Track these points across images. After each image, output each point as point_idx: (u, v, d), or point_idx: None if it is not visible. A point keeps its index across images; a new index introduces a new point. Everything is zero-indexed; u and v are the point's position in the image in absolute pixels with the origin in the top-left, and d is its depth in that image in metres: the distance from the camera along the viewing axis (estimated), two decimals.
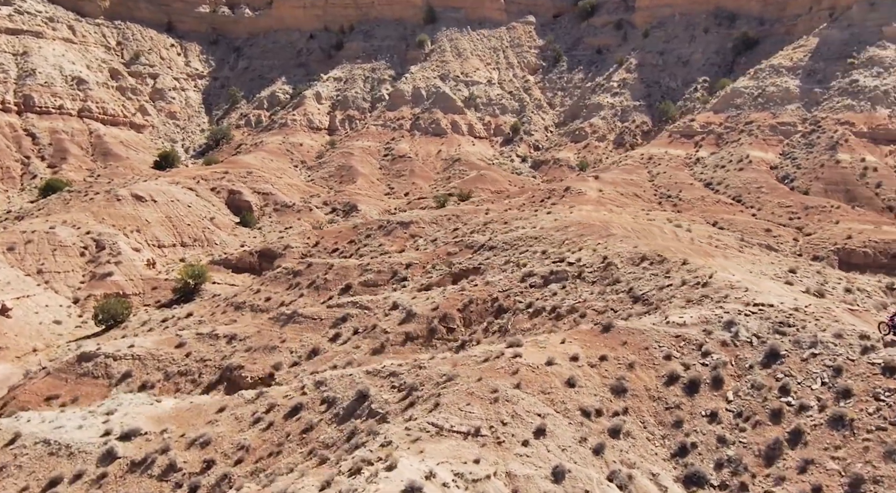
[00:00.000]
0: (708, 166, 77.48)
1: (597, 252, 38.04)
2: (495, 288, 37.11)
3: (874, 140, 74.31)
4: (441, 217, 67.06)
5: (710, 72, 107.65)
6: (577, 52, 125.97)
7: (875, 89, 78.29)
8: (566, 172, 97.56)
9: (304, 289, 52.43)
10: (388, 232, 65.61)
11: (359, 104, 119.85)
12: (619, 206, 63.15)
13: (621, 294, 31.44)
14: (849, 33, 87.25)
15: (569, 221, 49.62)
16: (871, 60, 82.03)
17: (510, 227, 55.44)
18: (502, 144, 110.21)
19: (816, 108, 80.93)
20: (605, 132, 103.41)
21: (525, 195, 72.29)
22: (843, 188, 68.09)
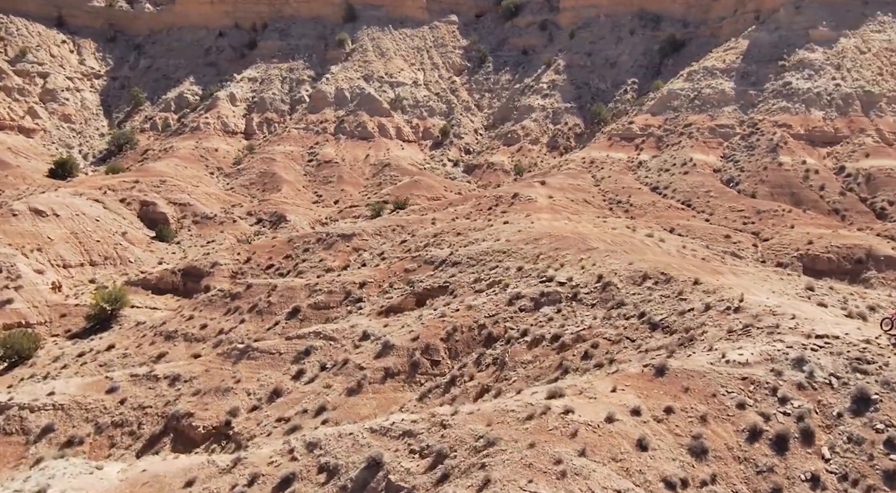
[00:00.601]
0: (652, 170, 76.71)
1: (587, 270, 35.23)
2: (480, 313, 33.68)
3: (811, 142, 75.45)
4: (385, 228, 63.07)
5: (639, 74, 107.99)
6: (502, 52, 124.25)
7: (808, 92, 79.69)
8: (501, 176, 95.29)
9: (244, 314, 47.43)
10: (329, 245, 61.09)
11: (277, 106, 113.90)
12: (573, 213, 61.00)
13: (632, 320, 28.63)
14: (777, 36, 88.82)
15: (536, 232, 46.76)
16: (801, 63, 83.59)
17: (468, 239, 52.16)
18: (432, 147, 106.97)
19: (752, 110, 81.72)
20: (538, 135, 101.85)
21: (470, 203, 69.22)
22: (789, 191, 68.48)
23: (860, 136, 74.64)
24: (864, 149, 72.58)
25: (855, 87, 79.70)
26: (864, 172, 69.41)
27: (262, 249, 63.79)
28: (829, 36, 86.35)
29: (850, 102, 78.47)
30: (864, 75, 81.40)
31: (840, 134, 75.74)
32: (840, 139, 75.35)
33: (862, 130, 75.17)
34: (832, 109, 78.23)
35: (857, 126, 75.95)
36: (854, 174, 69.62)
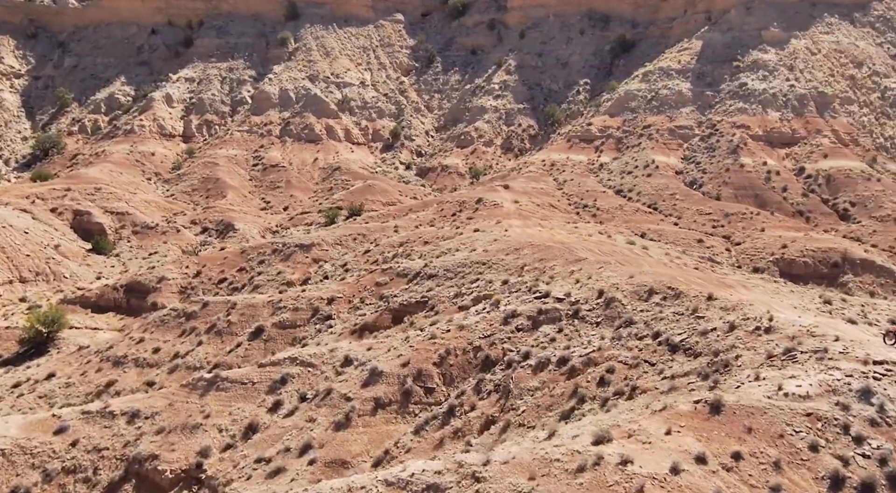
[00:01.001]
0: (614, 172, 75.77)
1: (584, 283, 33.24)
2: (474, 334, 31.27)
3: (770, 143, 75.78)
4: (345, 237, 60.04)
5: (591, 74, 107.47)
6: (450, 52, 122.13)
7: (764, 92, 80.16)
8: (456, 179, 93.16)
9: (202, 335, 43.84)
10: (286, 257, 57.71)
11: (217, 108, 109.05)
12: (542, 219, 59.23)
13: (646, 340, 26.70)
14: (730, 37, 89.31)
15: (514, 241, 44.65)
16: (755, 64, 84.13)
17: (438, 248, 49.71)
18: (382, 150, 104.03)
19: (710, 111, 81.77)
20: (492, 136, 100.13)
21: (431, 208, 66.77)
22: (752, 193, 68.41)
23: (817, 137, 75.34)
24: (822, 150, 73.23)
25: (809, 88, 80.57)
26: (824, 173, 69.91)
27: (213, 261, 59.89)
28: (780, 37, 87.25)
29: (805, 103, 79.26)
30: (817, 76, 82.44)
31: (797, 135, 76.33)
32: (797, 140, 75.91)
33: (818, 131, 75.91)
34: (788, 109, 78.86)
35: (813, 127, 76.68)
36: (814, 175, 70.05)
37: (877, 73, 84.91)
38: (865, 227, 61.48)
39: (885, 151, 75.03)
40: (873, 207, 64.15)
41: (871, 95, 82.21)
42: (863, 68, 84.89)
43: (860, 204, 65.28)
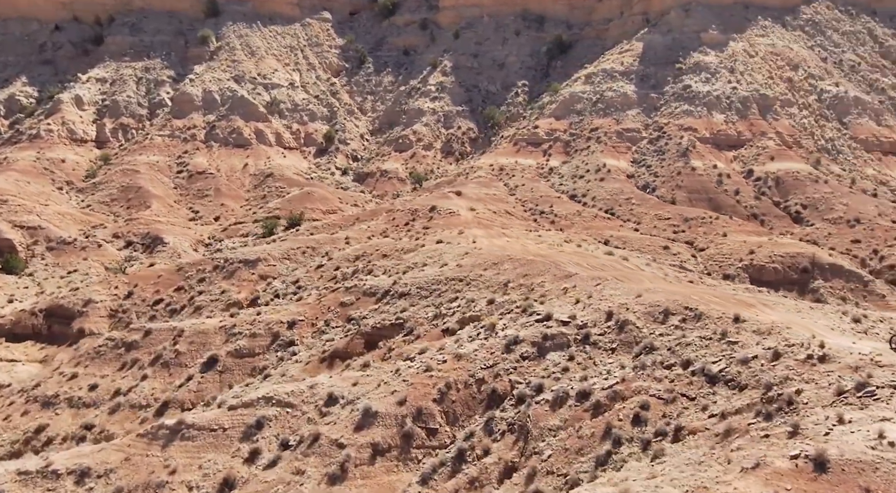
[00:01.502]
0: (565, 177, 74.35)
1: (584, 303, 30.90)
2: (474, 364, 28.41)
3: (717, 146, 76.03)
4: (294, 250, 56.06)
5: (528, 75, 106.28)
6: (381, 52, 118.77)
7: (708, 95, 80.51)
8: (397, 185, 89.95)
9: (146, 368, 39.39)
10: (230, 274, 53.31)
11: (134, 110, 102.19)
12: (503, 227, 56.92)
13: (675, 370, 24.51)
14: (671, 39, 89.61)
15: (489, 254, 42.02)
16: (697, 66, 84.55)
17: (402, 263, 46.58)
18: (316, 154, 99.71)
19: (656, 113, 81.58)
20: (431, 140, 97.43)
21: (381, 217, 63.47)
22: (706, 197, 68.19)
23: (762, 139, 76.06)
24: (768, 152, 73.91)
25: (750, 90, 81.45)
26: (773, 175, 70.45)
27: (146, 280, 54.79)
28: (719, 39, 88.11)
29: (749, 106, 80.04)
30: (757, 79, 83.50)
31: (743, 137, 76.89)
32: (743, 142, 76.47)
33: (763, 134, 76.67)
34: (732, 112, 79.44)
35: (757, 129, 77.42)
36: (763, 178, 70.50)
37: (812, 75, 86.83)
38: (820, 229, 61.97)
39: (827, 153, 76.48)
40: (825, 210, 64.85)
41: (809, 98, 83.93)
42: (799, 71, 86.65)
43: (811, 206, 65.94)
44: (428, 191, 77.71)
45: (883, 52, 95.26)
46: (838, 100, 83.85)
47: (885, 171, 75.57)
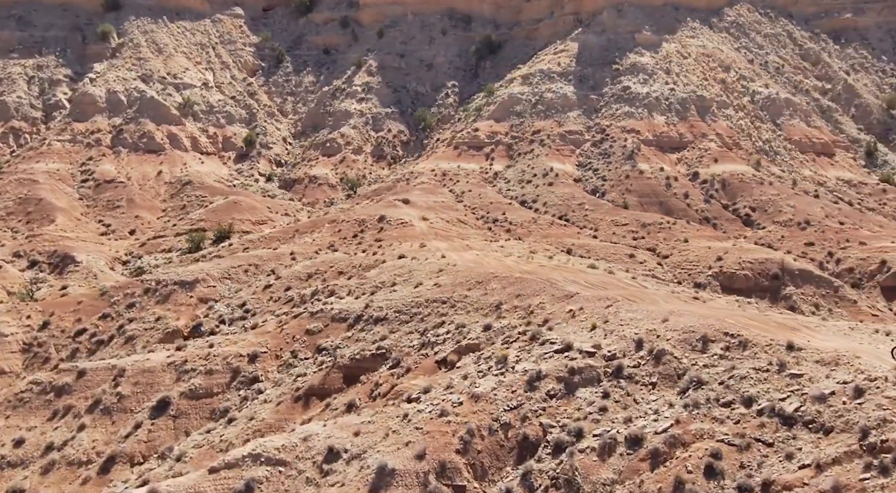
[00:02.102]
0: (511, 181, 72.03)
1: (602, 328, 28.22)
2: (495, 405, 25.18)
3: (661, 148, 75.59)
4: (234, 269, 51.14)
5: (457, 76, 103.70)
6: (300, 51, 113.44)
7: (648, 96, 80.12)
8: (328, 191, 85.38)
9: (83, 416, 34.18)
10: (164, 297, 47.93)
11: (26, 113, 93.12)
12: (460, 238, 53.87)
13: (737, 408, 22.03)
14: (605, 39, 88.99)
15: (470, 272, 38.83)
16: (634, 67, 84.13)
17: (366, 281, 42.80)
18: (237, 160, 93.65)
19: (597, 115, 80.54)
20: (360, 143, 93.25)
21: (326, 229, 59.18)
22: (657, 200, 67.35)
23: (703, 140, 76.17)
24: (711, 154, 74.01)
25: (688, 92, 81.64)
26: (718, 177, 70.44)
27: (64, 308, 48.60)
28: (652, 40, 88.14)
29: (688, 107, 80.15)
30: (693, 81, 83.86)
31: (685, 139, 76.81)
32: (685, 144, 76.38)
33: (704, 135, 76.83)
34: (672, 113, 79.31)
35: (698, 131, 77.54)
36: (710, 181, 70.39)
37: (744, 77, 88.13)
38: (772, 233, 62.08)
39: (765, 155, 77.42)
40: (774, 212, 65.14)
41: (743, 99, 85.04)
42: (730, 72, 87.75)
43: (760, 209, 66.15)
44: (368, 198, 73.82)
45: (803, 54, 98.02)
46: (770, 101, 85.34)
47: (821, 171, 77.18)
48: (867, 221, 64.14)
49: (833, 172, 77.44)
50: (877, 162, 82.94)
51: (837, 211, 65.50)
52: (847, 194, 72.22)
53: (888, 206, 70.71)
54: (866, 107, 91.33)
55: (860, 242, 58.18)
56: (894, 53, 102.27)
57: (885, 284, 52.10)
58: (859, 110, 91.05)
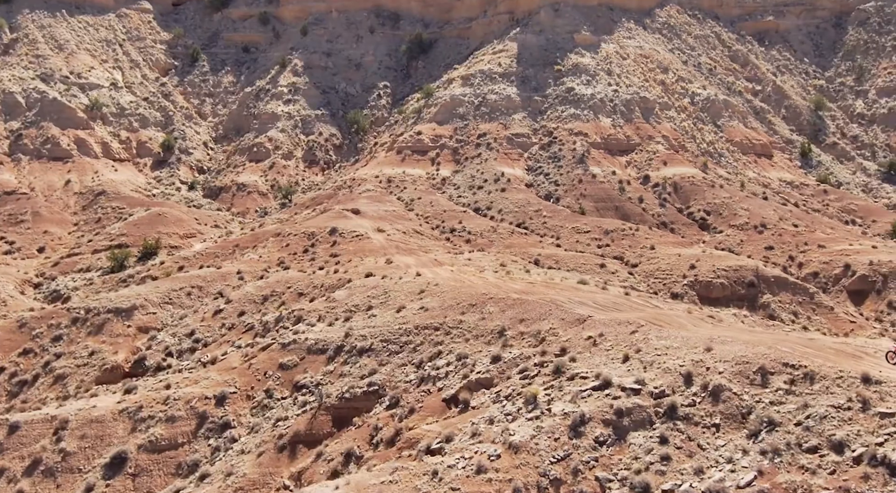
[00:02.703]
0: (461, 188, 69.12)
1: (640, 360, 25.59)
2: (540, 457, 22.04)
3: (609, 151, 74.40)
4: (176, 292, 46.05)
5: (388, 76, 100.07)
6: (217, 49, 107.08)
7: (593, 98, 78.85)
8: (258, 200, 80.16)
9: (20, 480, 29.15)
10: (97, 327, 42.49)
11: None
12: (423, 251, 50.48)
13: (827, 455, 19.69)
14: (544, 39, 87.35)
15: (460, 293, 35.53)
16: (576, 68, 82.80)
17: (335, 306, 38.90)
18: (154, 167, 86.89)
19: (542, 117, 78.67)
20: (291, 148, 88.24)
21: (271, 243, 54.55)
22: (612, 205, 65.95)
23: (650, 143, 75.51)
24: (660, 156, 73.37)
25: (631, 93, 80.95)
26: (670, 181, 69.78)
27: None
28: (591, 41, 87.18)
29: (632, 109, 79.41)
30: (634, 82, 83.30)
31: (632, 141, 75.93)
32: (633, 147, 75.51)
33: (650, 137, 76.18)
34: (618, 115, 78.36)
35: (644, 133, 76.84)
36: (661, 184, 69.62)
37: (682, 78, 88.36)
38: (731, 237, 61.66)
39: (710, 157, 77.52)
40: (728, 216, 64.85)
41: (683, 101, 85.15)
42: (669, 74, 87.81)
43: (714, 212, 65.77)
44: (307, 207, 69.37)
45: (732, 55, 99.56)
46: (710, 103, 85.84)
47: (764, 173, 77.94)
48: (817, 222, 64.74)
49: (774, 174, 78.34)
50: (812, 163, 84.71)
51: (789, 213, 65.86)
52: (792, 196, 73.04)
53: (831, 207, 71.92)
54: (796, 108, 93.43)
55: (819, 244, 58.37)
56: (815, 56, 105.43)
57: (851, 288, 52.19)
58: (789, 112, 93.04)
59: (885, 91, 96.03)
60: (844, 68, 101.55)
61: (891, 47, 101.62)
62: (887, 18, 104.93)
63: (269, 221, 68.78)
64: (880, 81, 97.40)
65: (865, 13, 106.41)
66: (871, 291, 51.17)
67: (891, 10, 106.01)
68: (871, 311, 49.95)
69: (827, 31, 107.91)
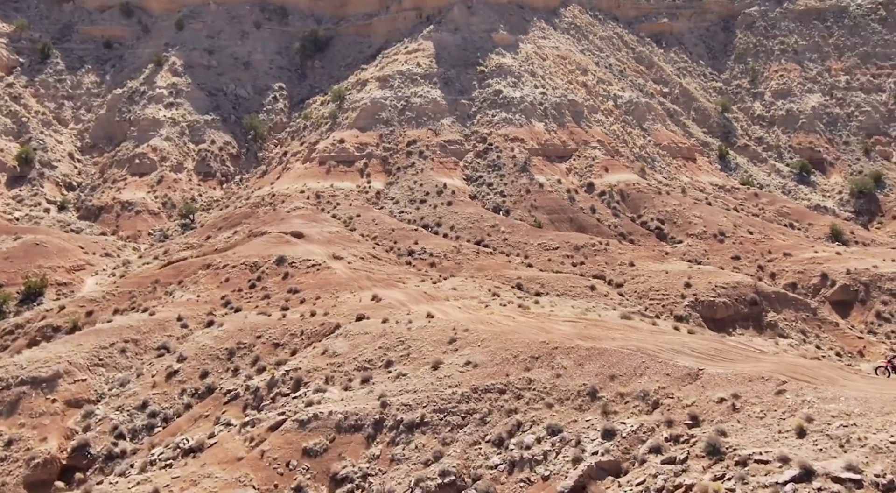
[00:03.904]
0: (401, 202, 62.84)
1: (827, 433, 21.22)
2: None
3: (548, 157, 70.73)
4: (105, 350, 36.99)
5: (283, 77, 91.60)
6: (71, 44, 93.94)
7: (522, 101, 74.93)
8: (150, 220, 69.73)
9: None
10: (10, 406, 33.07)
11: None
12: (400, 281, 44.02)
13: None
14: (461, 38, 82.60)
15: (510, 343, 29.68)
16: (500, 69, 78.65)
17: (343, 362, 32.03)
18: (10, 183, 73.70)
19: (472, 122, 73.77)
20: (179, 158, 77.93)
21: (203, 277, 45.89)
22: (565, 217, 62.24)
23: (587, 148, 72.73)
24: (599, 163, 70.69)
25: (558, 95, 77.91)
26: (616, 188, 67.16)
27: None
28: (510, 40, 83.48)
29: (563, 112, 76.33)
30: (559, 84, 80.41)
31: (569, 147, 72.77)
32: (570, 153, 72.36)
33: (586, 143, 73.41)
34: (550, 119, 74.97)
35: (579, 138, 73.95)
36: (607, 192, 66.84)
37: (602, 80, 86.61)
38: (693, 247, 59.71)
39: (644, 162, 75.89)
40: (683, 224, 63.01)
41: (608, 103, 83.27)
42: (589, 75, 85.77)
43: (668, 221, 63.75)
44: (220, 228, 60.57)
45: (636, 57, 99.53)
46: (634, 106, 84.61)
47: (696, 178, 77.40)
48: (768, 228, 64.30)
49: (705, 178, 78.08)
50: (730, 166, 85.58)
51: (740, 219, 65.04)
52: (728, 201, 72.71)
53: (766, 211, 72.24)
54: (704, 110, 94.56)
55: (784, 252, 57.53)
56: (709, 58, 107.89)
57: (834, 298, 51.34)
58: (698, 114, 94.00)
59: (780, 93, 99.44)
60: (739, 71, 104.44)
61: (779, 51, 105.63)
62: (772, 23, 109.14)
63: (176, 247, 59.37)
64: (773, 84, 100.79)
65: (751, 17, 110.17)
66: (855, 301, 50.48)
67: (773, 14, 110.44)
68: (860, 322, 49.17)
69: (717, 34, 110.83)
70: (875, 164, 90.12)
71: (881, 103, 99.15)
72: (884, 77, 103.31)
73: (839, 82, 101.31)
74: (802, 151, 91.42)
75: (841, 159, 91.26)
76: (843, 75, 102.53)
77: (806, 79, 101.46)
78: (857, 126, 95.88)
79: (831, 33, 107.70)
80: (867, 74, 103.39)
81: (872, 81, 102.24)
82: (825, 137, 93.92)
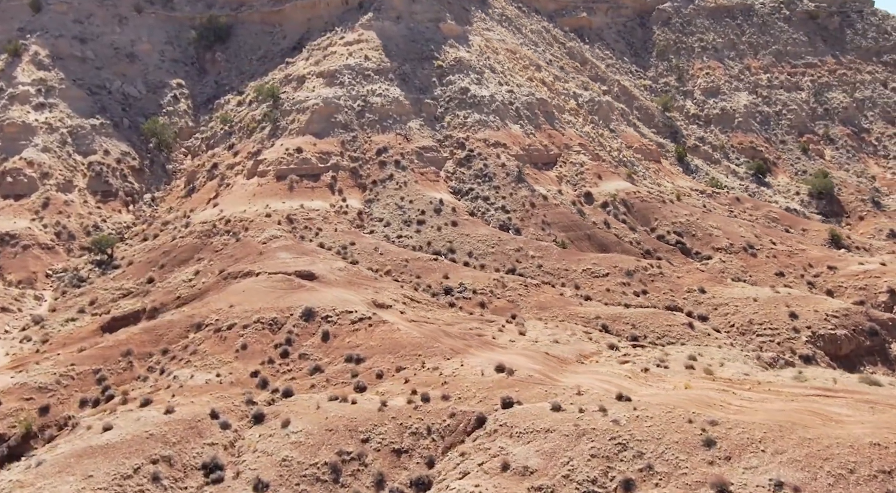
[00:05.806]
0: (392, 224, 52.15)
1: None
2: None
3: (534, 164, 62.52)
4: (132, 483, 24.37)
5: (179, 72, 77.15)
6: None
7: (493, 100, 66.23)
8: (44, 258, 54.25)
9: None
10: None
11: None
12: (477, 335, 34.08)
13: None
14: (406, 28, 72.53)
15: (787, 444, 21.25)
16: (459, 64, 69.43)
17: (538, 476, 22.05)
18: None
19: (441, 125, 63.98)
20: (67, 175, 62.09)
21: (210, 344, 33.58)
22: (583, 234, 54.34)
23: (570, 153, 65.46)
24: (590, 169, 63.65)
25: (526, 94, 70.04)
26: (618, 199, 60.36)
27: None
28: (458, 31, 74.58)
29: (535, 113, 68.52)
30: (521, 81, 72.59)
31: (552, 152, 65.06)
32: (554, 158, 64.70)
33: (567, 147, 66.12)
34: (525, 121, 66.86)
35: (559, 141, 66.51)
36: (610, 203, 59.86)
37: (557, 78, 79.81)
38: (729, 263, 54.04)
39: (625, 166, 69.69)
40: (704, 237, 57.26)
41: (571, 103, 76.46)
42: (543, 72, 78.68)
43: (686, 234, 57.74)
44: (166, 267, 47.25)
45: (569, 52, 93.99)
46: (596, 105, 78.54)
47: (677, 182, 72.44)
48: (784, 237, 60.02)
49: (683, 182, 73.39)
50: (690, 167, 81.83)
51: (755, 229, 60.29)
52: (718, 207, 68.21)
53: (755, 216, 68.39)
54: (647, 109, 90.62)
55: (828, 266, 53.13)
56: (632, 54, 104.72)
57: None
58: (642, 113, 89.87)
59: (710, 91, 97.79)
60: (664, 68, 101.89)
61: (699, 48, 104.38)
62: (687, 19, 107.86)
63: (107, 295, 45.47)
64: (701, 82, 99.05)
65: (666, 13, 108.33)
66: None
67: (687, 11, 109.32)
68: None
69: (634, 30, 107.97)
70: (815, 163, 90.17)
71: (804, 102, 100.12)
72: (799, 76, 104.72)
73: (761, 81, 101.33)
74: (745, 150, 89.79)
75: (782, 159, 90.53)
76: (764, 74, 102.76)
77: (731, 77, 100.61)
78: (788, 125, 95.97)
79: (743, 31, 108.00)
80: (784, 73, 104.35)
81: (790, 80, 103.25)
82: (762, 137, 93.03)
